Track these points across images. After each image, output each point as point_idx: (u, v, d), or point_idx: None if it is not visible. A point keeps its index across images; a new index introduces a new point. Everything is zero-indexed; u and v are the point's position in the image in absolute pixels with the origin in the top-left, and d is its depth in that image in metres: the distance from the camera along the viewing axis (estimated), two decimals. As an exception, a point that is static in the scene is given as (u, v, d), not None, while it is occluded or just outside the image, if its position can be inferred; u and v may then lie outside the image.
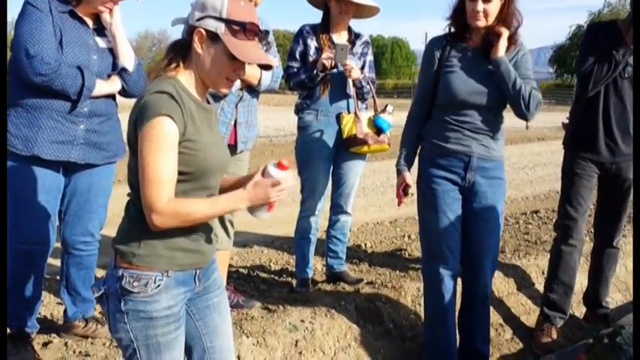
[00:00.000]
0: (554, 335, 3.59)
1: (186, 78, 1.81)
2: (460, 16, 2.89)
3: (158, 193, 1.67)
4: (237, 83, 3.08)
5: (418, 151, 3.13)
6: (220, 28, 1.75)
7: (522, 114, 2.92)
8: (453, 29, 2.98)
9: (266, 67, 1.99)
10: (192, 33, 1.77)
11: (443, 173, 2.98)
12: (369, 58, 3.80)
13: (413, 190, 3.10)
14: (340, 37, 3.70)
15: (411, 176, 3.10)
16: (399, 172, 3.10)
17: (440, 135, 2.98)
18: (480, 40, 2.92)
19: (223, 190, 1.95)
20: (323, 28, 3.67)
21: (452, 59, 2.94)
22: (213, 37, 1.76)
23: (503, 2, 2.81)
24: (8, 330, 2.89)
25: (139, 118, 1.70)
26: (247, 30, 1.77)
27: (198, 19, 1.76)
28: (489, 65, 2.89)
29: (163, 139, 1.67)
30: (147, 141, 1.67)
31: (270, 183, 1.79)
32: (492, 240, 3.08)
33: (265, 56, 1.88)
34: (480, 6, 2.77)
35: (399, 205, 3.16)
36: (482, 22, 2.82)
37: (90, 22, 2.80)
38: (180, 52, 1.81)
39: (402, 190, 3.09)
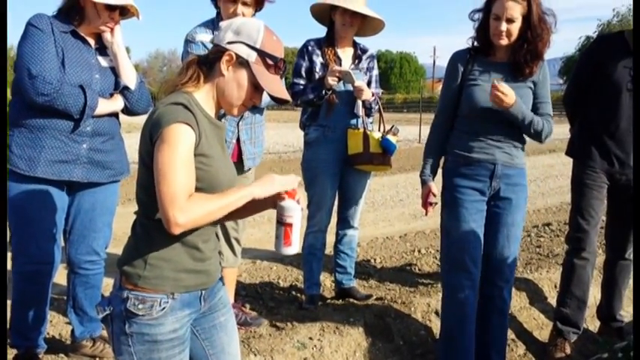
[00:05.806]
0: (568, 350, 3.53)
1: (202, 95, 1.81)
2: (484, 33, 2.94)
3: (180, 189, 1.63)
4: None
5: (441, 162, 3.16)
6: (252, 57, 1.78)
7: (535, 140, 3.07)
8: (476, 43, 3.02)
9: (283, 101, 1.97)
10: (221, 53, 1.79)
11: (468, 182, 3.00)
12: (375, 72, 3.79)
13: (437, 199, 3.10)
14: (345, 52, 3.69)
15: (436, 186, 3.10)
16: (424, 183, 3.12)
17: (463, 145, 3.01)
18: (503, 55, 2.96)
19: None
20: (328, 43, 3.66)
21: (475, 72, 2.98)
22: (242, 62, 1.78)
23: (524, 23, 2.83)
24: (16, 350, 2.88)
25: (155, 127, 1.67)
26: (277, 66, 1.82)
27: (230, 42, 1.78)
28: (512, 80, 2.93)
29: (182, 143, 1.65)
30: (165, 145, 1.64)
31: (278, 177, 1.83)
32: (512, 248, 3.10)
33: (286, 92, 1.93)
34: (504, 26, 2.83)
35: (426, 214, 3.17)
36: (504, 41, 2.88)
37: (92, 42, 2.82)
38: (202, 69, 1.82)
39: (428, 199, 3.09)
